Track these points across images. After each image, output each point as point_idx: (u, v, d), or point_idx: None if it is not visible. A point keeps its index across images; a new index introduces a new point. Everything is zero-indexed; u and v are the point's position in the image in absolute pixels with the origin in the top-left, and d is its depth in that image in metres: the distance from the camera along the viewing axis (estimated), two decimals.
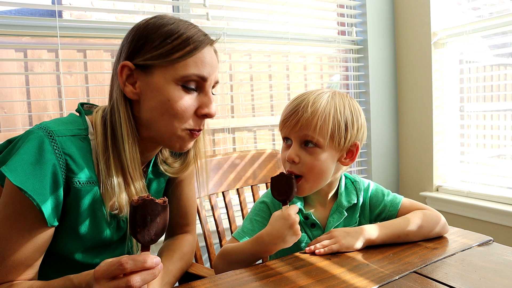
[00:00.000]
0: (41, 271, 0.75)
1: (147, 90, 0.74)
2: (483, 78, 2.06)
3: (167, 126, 0.75)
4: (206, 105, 0.77)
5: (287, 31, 1.91)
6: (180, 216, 0.99)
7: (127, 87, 0.75)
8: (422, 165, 2.10)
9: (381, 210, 0.95)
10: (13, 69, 1.54)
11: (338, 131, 0.86)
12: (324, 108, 0.85)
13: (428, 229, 0.89)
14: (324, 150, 0.86)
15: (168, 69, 0.73)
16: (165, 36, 0.73)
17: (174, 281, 0.87)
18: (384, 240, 0.86)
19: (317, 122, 0.84)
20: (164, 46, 0.72)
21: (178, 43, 0.73)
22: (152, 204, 0.59)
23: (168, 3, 1.70)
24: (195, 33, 0.75)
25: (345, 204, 0.94)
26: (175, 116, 0.74)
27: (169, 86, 0.73)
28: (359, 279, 0.72)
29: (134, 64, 0.74)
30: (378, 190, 0.98)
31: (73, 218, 0.75)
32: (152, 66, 0.73)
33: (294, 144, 0.87)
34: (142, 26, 0.75)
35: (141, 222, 0.58)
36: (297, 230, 0.80)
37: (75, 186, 0.73)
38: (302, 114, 0.84)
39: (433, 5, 1.98)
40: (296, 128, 0.85)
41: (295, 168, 0.87)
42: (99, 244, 0.81)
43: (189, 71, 0.73)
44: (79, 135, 0.75)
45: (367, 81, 2.15)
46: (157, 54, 0.73)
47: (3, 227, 0.69)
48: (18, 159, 0.67)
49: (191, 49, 0.73)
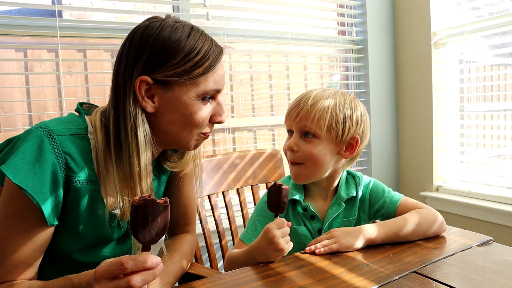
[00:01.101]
0: (41, 271, 0.75)
1: (167, 104, 0.76)
2: (483, 78, 2.06)
3: (187, 134, 0.80)
4: (219, 114, 0.82)
5: (287, 31, 1.91)
6: (180, 216, 0.99)
7: (146, 102, 0.75)
8: (422, 165, 2.10)
9: (380, 206, 0.97)
10: (13, 69, 1.54)
11: (335, 124, 0.91)
12: (323, 102, 0.91)
13: (426, 227, 0.90)
14: (322, 141, 0.91)
15: (189, 85, 0.75)
16: (186, 53, 0.73)
17: (174, 281, 0.87)
18: (384, 239, 0.87)
19: (315, 114, 0.90)
20: (186, 63, 0.73)
21: (198, 60, 0.74)
22: (153, 204, 0.59)
23: (168, 3, 1.70)
24: (210, 46, 0.77)
25: (344, 196, 0.97)
26: (195, 126, 0.79)
27: (191, 101, 0.76)
28: (359, 279, 0.72)
29: (152, 79, 0.74)
30: (379, 186, 1.00)
31: (74, 217, 0.75)
32: (173, 82, 0.74)
33: (294, 135, 0.93)
34: (157, 39, 0.73)
35: (142, 222, 0.58)
36: (277, 244, 0.78)
37: (74, 185, 0.73)
38: (302, 106, 0.92)
39: (433, 5, 1.98)
40: (297, 119, 0.92)
41: (295, 157, 0.93)
42: (99, 243, 0.81)
43: (209, 87, 0.77)
44: (78, 135, 0.75)
45: (367, 81, 2.15)
46: (179, 72, 0.73)
47: (3, 226, 0.69)
48: (18, 158, 0.67)
49: (210, 65, 0.76)
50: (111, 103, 0.76)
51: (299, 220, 0.97)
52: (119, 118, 0.74)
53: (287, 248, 0.80)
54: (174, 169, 0.92)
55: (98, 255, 0.82)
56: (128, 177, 0.74)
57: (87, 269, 0.67)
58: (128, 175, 0.74)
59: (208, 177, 1.25)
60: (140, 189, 0.75)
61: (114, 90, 0.76)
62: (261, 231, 0.82)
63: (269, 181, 1.36)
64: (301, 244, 0.94)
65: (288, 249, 0.80)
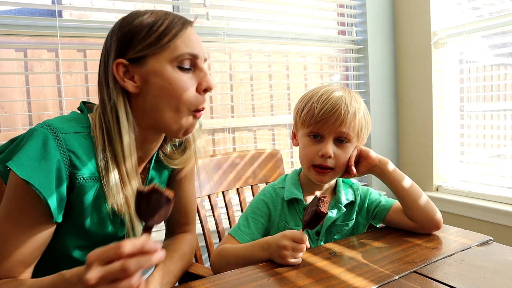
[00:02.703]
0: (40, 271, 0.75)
1: (146, 80, 0.76)
2: (483, 78, 2.06)
3: (172, 110, 0.77)
4: (203, 80, 0.79)
5: (287, 31, 1.91)
6: (180, 215, 0.99)
7: (127, 83, 0.76)
8: (422, 165, 2.10)
9: (375, 206, 1.00)
10: (13, 68, 1.54)
11: (364, 128, 0.95)
12: (354, 105, 0.92)
13: (429, 206, 0.93)
14: (352, 144, 0.94)
15: (161, 54, 0.75)
16: (149, 25, 0.75)
17: (175, 281, 0.87)
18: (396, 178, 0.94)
19: (354, 121, 0.91)
20: (151, 34, 0.75)
21: (163, 29, 0.76)
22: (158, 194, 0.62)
23: (168, 3, 1.70)
24: (175, 17, 0.79)
25: (343, 200, 0.98)
26: (179, 99, 0.76)
27: (166, 69, 0.76)
28: (359, 279, 0.72)
29: (127, 60, 0.76)
30: (375, 192, 1.04)
31: (78, 214, 0.75)
32: (145, 57, 0.75)
33: (328, 141, 0.91)
34: (123, 24, 0.77)
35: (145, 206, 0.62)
36: (284, 257, 0.78)
37: (78, 182, 0.73)
38: (343, 113, 0.90)
39: (433, 5, 1.98)
40: (335, 125, 0.90)
41: (328, 162, 0.92)
42: (104, 240, 0.81)
43: (181, 51, 0.76)
44: (82, 133, 0.76)
45: (367, 81, 2.15)
46: (147, 44, 0.75)
47: (6, 222, 0.69)
48: (24, 155, 0.68)
49: (177, 31, 0.77)
50: (98, 94, 0.80)
51: (298, 220, 0.97)
52: (104, 104, 0.77)
53: (293, 263, 0.79)
54: (175, 166, 0.92)
55: None
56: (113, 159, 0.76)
57: None
58: (112, 157, 0.76)
59: (208, 176, 1.25)
60: (125, 169, 0.77)
61: (99, 81, 0.79)
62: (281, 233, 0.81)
63: (269, 181, 1.36)
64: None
65: (293, 264, 0.79)
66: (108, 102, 0.76)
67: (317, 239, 0.97)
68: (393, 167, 0.95)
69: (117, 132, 0.76)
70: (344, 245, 0.90)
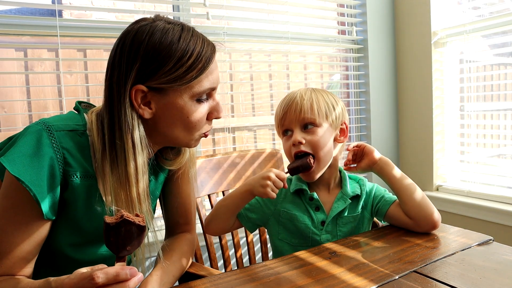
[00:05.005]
0: (40, 271, 0.75)
1: (164, 109, 0.76)
2: (483, 77, 2.06)
3: (185, 136, 0.81)
4: (216, 110, 0.83)
5: (287, 31, 1.91)
6: (179, 215, 0.99)
7: (142, 109, 0.76)
8: (422, 165, 2.10)
9: (378, 200, 1.02)
10: (13, 68, 1.54)
11: (329, 110, 0.98)
12: (314, 95, 0.99)
13: (425, 202, 0.94)
14: (322, 127, 0.97)
15: (184, 90, 0.75)
16: (178, 58, 0.73)
17: (174, 281, 0.87)
18: (394, 175, 0.98)
19: (311, 105, 0.96)
20: (178, 68, 0.73)
21: (191, 63, 0.74)
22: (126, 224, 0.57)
23: (168, 3, 1.70)
24: (202, 47, 0.77)
25: (350, 193, 1.01)
26: (194, 128, 0.80)
27: (186, 104, 0.77)
28: (359, 279, 0.72)
29: (147, 87, 0.74)
30: (381, 188, 1.06)
31: (72, 211, 0.75)
32: (167, 88, 0.75)
33: (296, 130, 0.97)
34: (148, 43, 0.72)
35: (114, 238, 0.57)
36: (266, 186, 0.88)
37: (72, 180, 0.73)
38: (297, 102, 0.97)
39: (433, 4, 1.97)
40: (296, 115, 0.96)
41: (302, 147, 0.96)
42: (98, 239, 0.81)
43: (203, 88, 0.77)
44: (77, 131, 0.76)
45: (367, 81, 2.15)
46: (173, 78, 0.73)
47: (2, 220, 0.69)
48: (16, 151, 0.68)
49: (203, 66, 0.76)
50: (105, 109, 0.76)
51: (303, 210, 1.00)
52: (114, 126, 0.74)
53: (269, 194, 0.88)
54: (171, 167, 0.92)
55: (96, 253, 0.82)
56: (124, 180, 0.74)
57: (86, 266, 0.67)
58: (123, 178, 0.74)
59: (208, 176, 1.25)
60: (136, 190, 0.75)
61: (109, 98, 0.75)
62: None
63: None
64: (299, 230, 0.98)
65: (269, 195, 0.88)
66: (124, 124, 0.73)
67: (322, 229, 0.98)
68: (392, 166, 1.00)
69: (132, 154, 0.74)
70: (344, 245, 0.90)
